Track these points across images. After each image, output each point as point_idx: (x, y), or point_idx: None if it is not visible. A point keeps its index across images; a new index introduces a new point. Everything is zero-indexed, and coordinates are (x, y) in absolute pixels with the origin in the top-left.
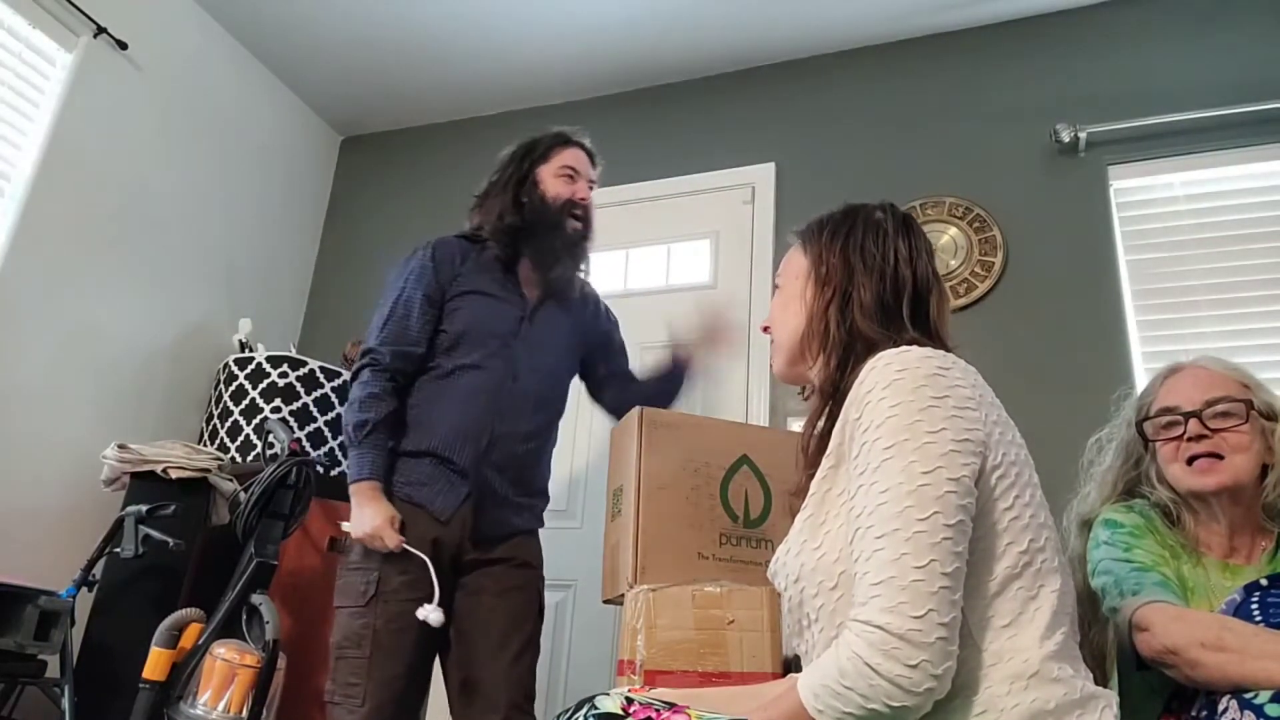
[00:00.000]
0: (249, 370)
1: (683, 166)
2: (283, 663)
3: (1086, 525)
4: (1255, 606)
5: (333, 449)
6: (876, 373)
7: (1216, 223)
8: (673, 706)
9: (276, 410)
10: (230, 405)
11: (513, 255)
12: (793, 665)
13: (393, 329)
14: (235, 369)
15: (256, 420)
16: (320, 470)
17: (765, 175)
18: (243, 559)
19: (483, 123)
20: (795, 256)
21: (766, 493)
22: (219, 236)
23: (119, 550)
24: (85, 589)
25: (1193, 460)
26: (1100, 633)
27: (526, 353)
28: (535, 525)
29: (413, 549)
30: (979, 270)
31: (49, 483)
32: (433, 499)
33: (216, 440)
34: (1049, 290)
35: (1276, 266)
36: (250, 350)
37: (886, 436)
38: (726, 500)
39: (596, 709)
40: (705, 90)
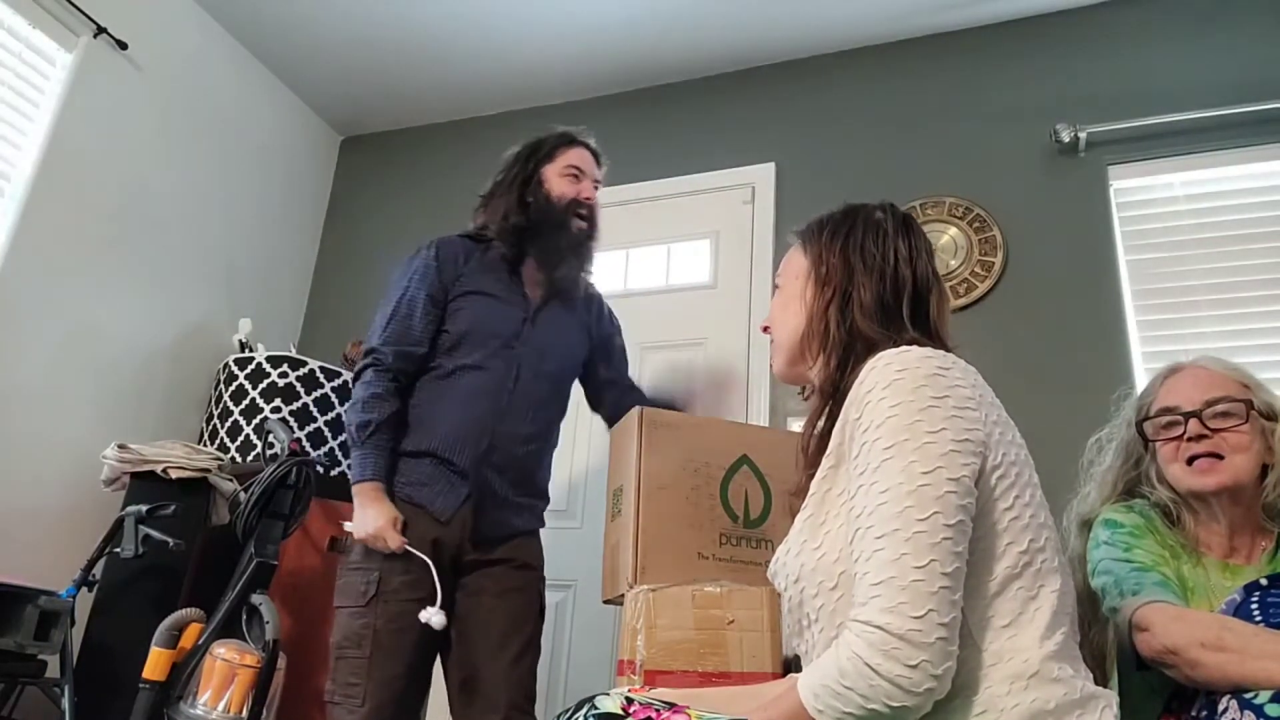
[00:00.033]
0: (249, 370)
1: (683, 166)
2: (283, 663)
3: (1086, 525)
4: (1255, 606)
5: (333, 449)
6: (876, 373)
7: (1216, 223)
8: (673, 706)
9: (276, 410)
10: (230, 405)
11: (518, 255)
12: (793, 665)
13: (395, 329)
14: (235, 369)
15: (256, 420)
16: (320, 470)
17: (765, 175)
18: (243, 559)
19: (483, 123)
20: (795, 256)
21: (766, 493)
22: (219, 236)
23: (119, 550)
24: (85, 589)
25: (1193, 460)
26: (1100, 633)
27: (528, 354)
28: (536, 526)
29: (414, 550)
30: (979, 270)
31: (49, 483)
32: (433, 499)
33: (216, 440)
34: (1049, 290)
35: (1276, 266)
36: (250, 350)
37: (886, 436)
38: (726, 500)
39: (596, 709)
40: (705, 90)
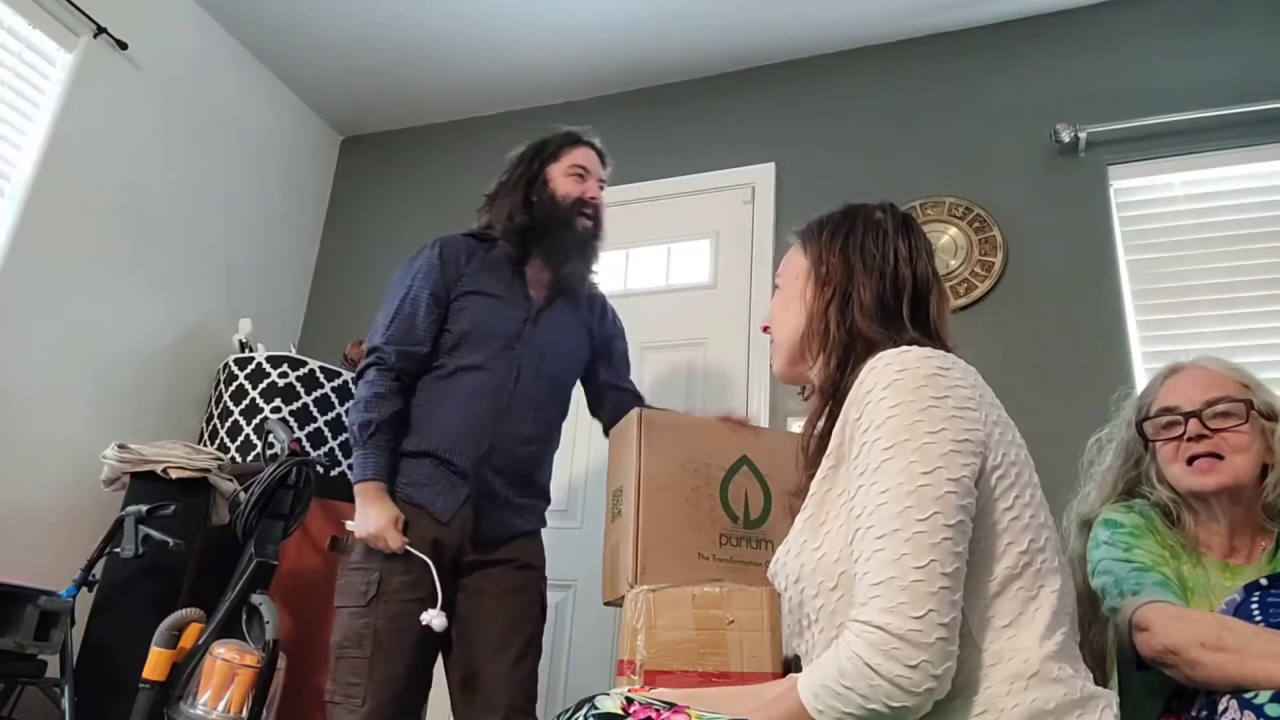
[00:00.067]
0: (249, 370)
1: (683, 166)
2: (283, 663)
3: (1086, 525)
4: (1255, 606)
5: (333, 449)
6: (876, 373)
7: (1216, 223)
8: (673, 706)
9: (276, 410)
10: (230, 405)
11: (523, 254)
12: (793, 665)
13: (398, 328)
14: (235, 369)
15: (256, 420)
16: (320, 470)
17: (765, 175)
18: (243, 559)
19: (483, 123)
20: (795, 256)
21: (766, 493)
22: (219, 236)
23: (119, 550)
24: (85, 589)
25: (1193, 460)
26: (1100, 633)
27: (529, 354)
28: (537, 526)
29: (415, 551)
30: (979, 270)
31: (49, 483)
32: (433, 500)
33: (216, 440)
34: (1049, 290)
35: (1276, 266)
36: (250, 350)
37: (886, 437)
38: (726, 501)
39: (596, 709)
40: (705, 90)
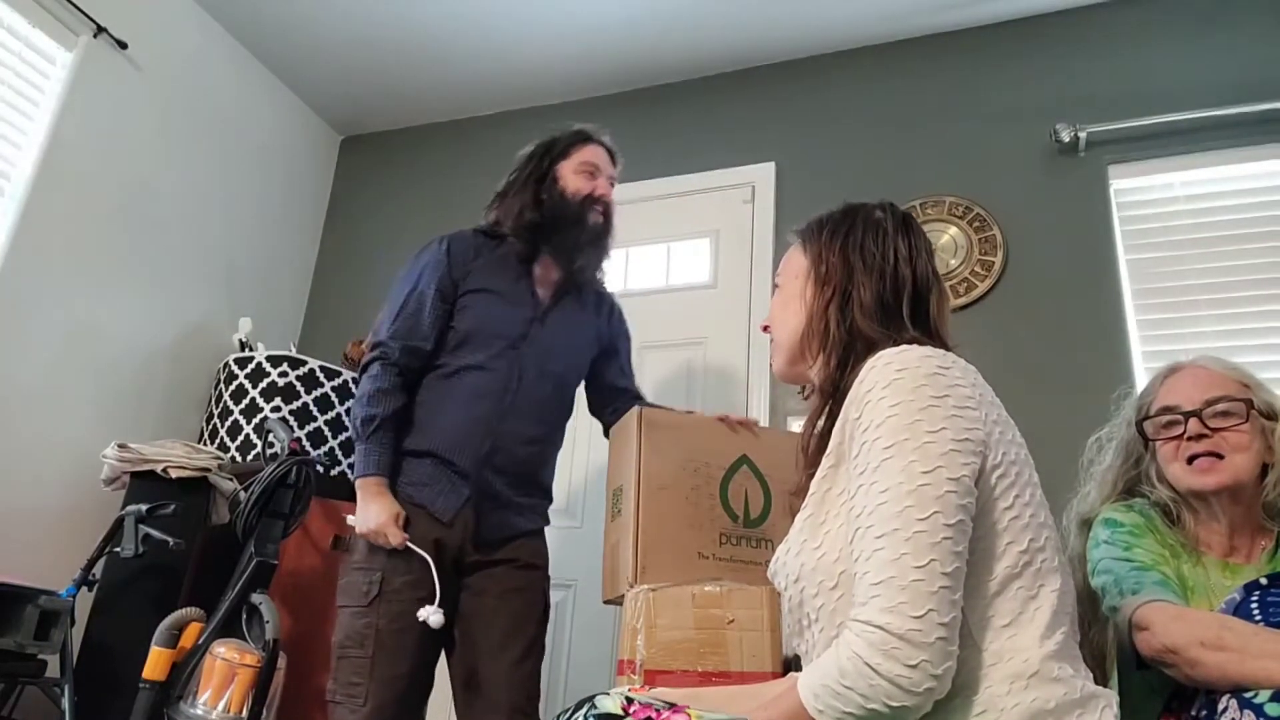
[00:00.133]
0: (249, 370)
1: (682, 166)
2: (283, 662)
3: (1086, 524)
4: (1255, 605)
5: (333, 448)
6: (876, 372)
7: (1216, 222)
8: (673, 706)
9: (276, 409)
10: (230, 405)
11: (532, 252)
12: (793, 665)
13: (404, 323)
14: (235, 368)
15: (256, 420)
16: (320, 469)
17: (765, 175)
18: (243, 558)
19: (482, 123)
20: (795, 256)
21: (766, 493)
22: (219, 236)
23: (119, 550)
24: (85, 589)
25: (1193, 459)
26: (1100, 632)
27: (533, 355)
28: (539, 525)
29: (415, 547)
30: (979, 270)
31: (49, 483)
32: (434, 500)
33: (216, 440)
34: (1049, 290)
35: (1276, 266)
36: (250, 350)
37: (886, 436)
38: (726, 500)
39: (596, 709)
40: (705, 90)
